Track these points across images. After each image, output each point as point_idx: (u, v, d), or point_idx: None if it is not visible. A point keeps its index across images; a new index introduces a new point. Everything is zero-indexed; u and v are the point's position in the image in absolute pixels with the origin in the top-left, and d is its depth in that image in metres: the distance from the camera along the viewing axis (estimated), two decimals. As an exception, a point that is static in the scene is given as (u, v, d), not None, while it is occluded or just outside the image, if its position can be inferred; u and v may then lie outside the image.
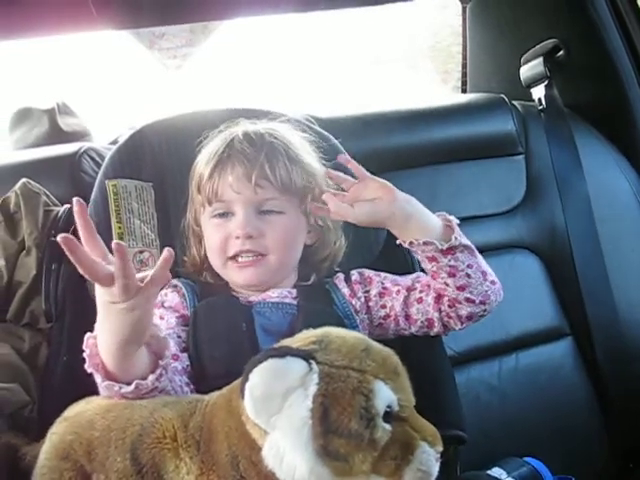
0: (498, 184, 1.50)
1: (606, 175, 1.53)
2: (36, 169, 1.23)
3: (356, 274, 1.03)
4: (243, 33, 2.47)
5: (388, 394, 0.70)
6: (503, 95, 1.57)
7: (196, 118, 1.15)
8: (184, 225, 1.07)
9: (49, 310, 1.07)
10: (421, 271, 1.02)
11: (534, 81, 1.57)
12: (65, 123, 1.58)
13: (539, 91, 1.55)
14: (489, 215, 1.48)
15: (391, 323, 1.00)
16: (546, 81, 1.54)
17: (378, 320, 1.00)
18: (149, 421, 0.75)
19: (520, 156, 1.53)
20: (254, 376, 0.67)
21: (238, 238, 0.96)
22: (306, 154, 1.03)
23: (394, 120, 1.48)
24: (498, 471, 1.04)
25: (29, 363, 1.06)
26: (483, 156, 1.51)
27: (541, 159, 1.52)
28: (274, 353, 0.68)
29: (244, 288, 1.00)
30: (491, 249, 1.39)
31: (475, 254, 0.95)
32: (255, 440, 0.69)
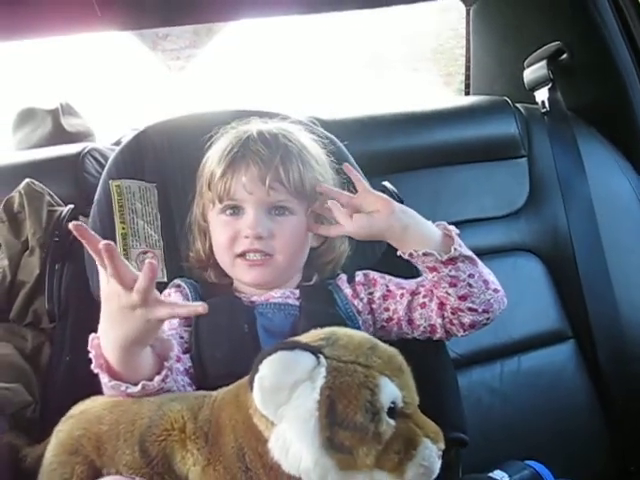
0: (501, 187, 1.50)
1: (608, 178, 1.53)
2: (40, 169, 1.24)
3: (361, 275, 1.03)
4: (247, 35, 2.47)
5: (393, 390, 0.71)
6: (506, 98, 1.57)
7: (199, 119, 1.15)
8: (190, 220, 1.07)
9: (52, 310, 1.07)
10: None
11: (537, 84, 1.57)
12: (68, 123, 1.58)
13: (542, 94, 1.55)
14: (492, 218, 1.48)
15: (394, 326, 0.99)
16: (549, 84, 1.54)
17: (381, 322, 1.00)
18: (157, 414, 0.75)
19: (523, 159, 1.53)
20: (264, 367, 0.68)
21: (247, 237, 0.96)
22: (318, 158, 1.02)
23: (397, 122, 1.48)
24: (500, 474, 1.03)
25: (32, 363, 1.06)
26: (486, 159, 1.51)
27: (544, 162, 1.52)
28: (284, 346, 0.69)
29: (250, 287, 1.00)
30: (493, 252, 1.39)
31: (477, 263, 0.93)
32: (261, 432, 0.70)
